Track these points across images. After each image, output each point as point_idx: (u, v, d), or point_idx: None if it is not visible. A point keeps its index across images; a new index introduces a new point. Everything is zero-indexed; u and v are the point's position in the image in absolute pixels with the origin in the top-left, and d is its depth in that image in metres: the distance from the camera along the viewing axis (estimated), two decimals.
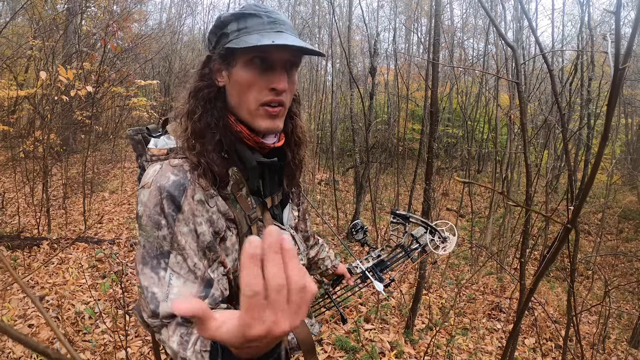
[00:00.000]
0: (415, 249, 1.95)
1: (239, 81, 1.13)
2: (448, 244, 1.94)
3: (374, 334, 4.48)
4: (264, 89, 1.12)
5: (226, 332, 0.67)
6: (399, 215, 1.98)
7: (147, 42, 13.70)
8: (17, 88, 7.19)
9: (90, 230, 6.68)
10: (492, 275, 7.24)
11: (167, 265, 1.03)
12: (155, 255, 1.04)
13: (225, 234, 1.14)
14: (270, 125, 1.15)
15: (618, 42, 0.81)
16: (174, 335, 1.00)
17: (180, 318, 1.02)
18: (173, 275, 1.03)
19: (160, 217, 1.03)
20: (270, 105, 1.13)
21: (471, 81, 13.78)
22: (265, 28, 1.09)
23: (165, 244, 1.03)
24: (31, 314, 4.04)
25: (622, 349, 5.25)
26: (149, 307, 1.02)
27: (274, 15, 1.12)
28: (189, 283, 1.03)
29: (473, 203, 10.27)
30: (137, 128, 1.36)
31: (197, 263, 1.05)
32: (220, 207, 1.12)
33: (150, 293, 1.02)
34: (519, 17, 9.78)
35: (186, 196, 1.05)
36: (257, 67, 1.11)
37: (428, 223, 1.96)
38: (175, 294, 1.01)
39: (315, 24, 16.30)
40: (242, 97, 1.14)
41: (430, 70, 4.47)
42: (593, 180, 1.04)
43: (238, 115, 1.17)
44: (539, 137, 9.41)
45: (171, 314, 1.01)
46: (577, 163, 7.41)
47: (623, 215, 12.82)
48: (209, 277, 1.07)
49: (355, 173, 8.42)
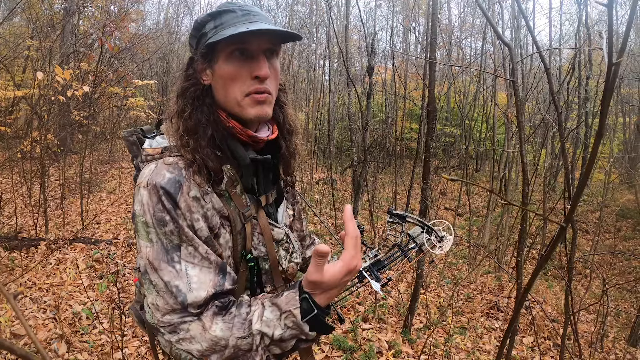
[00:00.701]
0: (412, 248, 1.94)
1: (223, 75, 1.14)
2: (445, 243, 1.93)
3: (371, 334, 4.47)
4: (248, 79, 1.13)
5: (332, 273, 0.97)
6: (396, 215, 1.97)
7: (144, 42, 13.69)
8: (14, 88, 7.18)
9: (87, 231, 6.67)
10: (490, 274, 7.24)
11: (181, 257, 1.06)
12: (167, 251, 1.06)
13: (219, 231, 1.15)
14: (259, 112, 1.16)
15: (611, 35, 0.81)
16: (214, 325, 1.04)
17: (216, 307, 1.06)
18: (189, 266, 1.06)
19: (164, 213, 1.05)
20: (256, 94, 1.14)
21: (469, 80, 13.80)
22: (240, 20, 1.11)
23: (175, 238, 1.06)
24: (29, 315, 4.03)
25: (621, 348, 5.25)
26: (177, 300, 1.04)
27: (247, 8, 1.14)
28: (204, 269, 1.07)
29: (471, 202, 10.28)
30: (131, 129, 1.38)
31: (207, 250, 1.08)
32: (215, 204, 1.13)
33: (174, 287, 1.04)
34: (516, 16, 9.78)
35: (182, 193, 1.07)
36: (237, 59, 1.13)
37: (425, 222, 1.94)
38: (197, 282, 1.05)
39: (313, 23, 16.28)
40: (228, 91, 1.15)
41: (427, 70, 4.46)
42: (587, 178, 1.04)
43: (227, 110, 1.18)
44: (536, 136, 9.42)
45: (200, 302, 1.04)
46: (575, 162, 7.42)
47: (621, 214, 12.83)
48: (222, 262, 1.11)
49: (353, 172, 8.41)
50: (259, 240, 1.23)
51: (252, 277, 1.23)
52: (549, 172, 8.59)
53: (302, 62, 18.15)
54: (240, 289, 1.23)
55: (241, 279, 1.22)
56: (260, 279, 1.26)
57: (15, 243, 5.54)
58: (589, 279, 7.40)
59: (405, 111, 13.28)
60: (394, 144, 13.24)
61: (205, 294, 1.04)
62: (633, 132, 15.89)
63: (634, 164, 14.69)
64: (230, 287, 1.10)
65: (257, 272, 1.24)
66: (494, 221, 9.33)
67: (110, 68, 10.19)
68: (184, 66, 1.23)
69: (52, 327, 3.88)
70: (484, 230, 9.07)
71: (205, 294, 1.04)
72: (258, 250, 1.23)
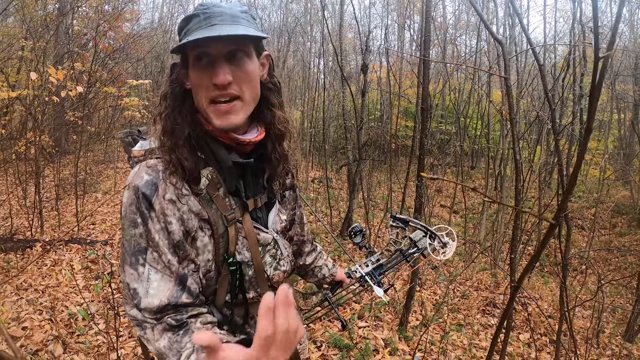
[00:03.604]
0: (414, 252, 1.93)
1: (192, 82, 1.15)
2: (448, 249, 1.93)
3: (367, 332, 4.48)
4: (210, 86, 1.11)
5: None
6: (399, 220, 1.97)
7: (139, 42, 13.65)
8: (8, 89, 7.15)
9: (83, 232, 6.66)
10: (486, 271, 7.26)
11: (145, 261, 1.08)
12: (133, 253, 1.08)
13: (196, 234, 1.15)
14: (224, 122, 1.14)
15: (596, 30, 0.81)
16: (162, 340, 1.05)
17: (167, 324, 1.06)
18: (152, 271, 1.08)
19: (136, 215, 1.07)
20: (219, 102, 1.12)
21: (464, 78, 13.82)
22: (202, 25, 1.10)
23: (142, 241, 1.08)
24: (25, 317, 4.02)
25: (617, 343, 5.27)
26: (132, 302, 1.07)
27: (211, 10, 1.11)
28: (166, 277, 1.08)
29: (467, 199, 10.29)
30: (127, 130, 1.40)
31: (170, 259, 1.09)
32: (192, 207, 1.14)
33: (132, 289, 1.07)
34: (511, 14, 9.80)
35: (157, 195, 1.08)
36: (199, 65, 1.12)
37: (427, 227, 1.94)
38: (155, 289, 1.07)
39: (307, 21, 16.29)
40: (197, 97, 1.15)
41: (421, 67, 4.47)
42: (577, 174, 1.04)
43: (202, 115, 1.18)
44: (532, 133, 9.44)
45: (153, 309, 1.06)
46: (570, 158, 7.43)
47: (616, 210, 12.89)
48: (183, 273, 1.11)
49: (349, 171, 8.42)
50: (243, 244, 1.23)
51: (233, 281, 1.22)
52: (544, 168, 8.59)
53: (297, 60, 18.16)
54: (222, 293, 1.23)
55: (223, 282, 1.22)
56: (243, 285, 1.25)
57: (10, 244, 5.52)
58: (585, 275, 7.44)
59: (401, 109, 13.30)
60: (390, 142, 13.26)
61: (159, 303, 1.06)
62: (628, 129, 15.94)
63: (629, 161, 14.75)
64: (187, 300, 1.10)
65: (239, 277, 1.23)
66: (489, 218, 9.35)
67: (104, 68, 10.15)
68: (168, 71, 1.23)
69: (49, 329, 3.87)
70: (479, 228, 9.10)
71: (158, 302, 1.06)
72: (242, 254, 1.22)
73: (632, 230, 11.77)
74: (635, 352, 5.03)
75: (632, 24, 15.72)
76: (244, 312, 1.31)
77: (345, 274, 1.88)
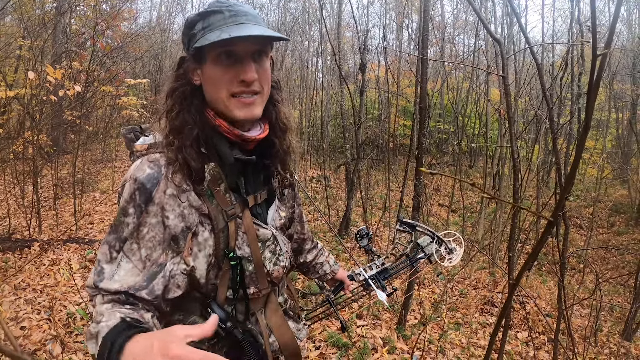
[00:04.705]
0: (421, 258, 1.92)
1: (211, 77, 1.16)
2: (455, 255, 1.92)
3: (366, 330, 4.48)
4: (234, 82, 1.14)
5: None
6: (406, 224, 1.95)
7: (137, 41, 13.62)
8: (6, 88, 7.13)
9: (81, 231, 6.65)
10: (484, 270, 7.26)
11: (122, 249, 1.09)
12: (116, 237, 1.09)
13: (196, 229, 1.16)
14: (247, 114, 1.17)
15: (594, 28, 0.81)
16: (98, 306, 1.05)
17: (114, 301, 1.05)
18: (124, 259, 1.08)
19: (129, 205, 1.09)
20: (243, 96, 1.15)
21: (462, 77, 13.80)
22: (227, 22, 1.11)
23: (127, 230, 1.09)
24: (23, 317, 4.02)
25: (615, 342, 5.28)
26: (96, 277, 1.07)
27: (236, 8, 1.13)
28: (135, 270, 1.08)
29: (465, 198, 10.30)
30: (130, 127, 1.41)
31: (150, 255, 1.10)
32: (192, 202, 1.15)
33: (100, 267, 1.08)
34: (509, 13, 9.80)
35: (158, 190, 1.10)
36: (224, 62, 1.13)
37: (435, 233, 1.93)
38: (121, 276, 1.07)
39: (305, 20, 16.26)
40: (216, 92, 1.16)
41: (419, 66, 4.48)
42: (574, 172, 1.05)
43: (215, 109, 1.19)
44: (530, 132, 9.44)
45: (110, 291, 1.06)
46: (568, 157, 7.44)
47: (614, 209, 12.91)
48: (155, 271, 1.09)
49: (347, 170, 8.41)
50: (242, 239, 1.24)
51: (234, 276, 1.23)
52: (542, 167, 8.60)
53: (295, 59, 18.13)
54: (223, 288, 1.23)
55: (224, 278, 1.22)
56: (244, 280, 1.26)
57: (8, 244, 5.51)
58: (583, 273, 7.44)
59: (399, 108, 13.29)
60: (388, 141, 13.24)
61: (118, 287, 1.06)
62: (626, 128, 15.94)
63: (626, 160, 14.77)
64: (146, 297, 1.07)
65: (240, 272, 1.24)
66: (487, 217, 9.36)
67: (102, 67, 10.13)
68: (175, 65, 1.25)
69: (47, 328, 3.86)
70: (477, 226, 9.10)
71: (117, 286, 1.06)
72: (242, 250, 1.23)
73: (629, 229, 11.79)
74: (633, 351, 5.04)
75: (630, 24, 15.76)
76: (244, 309, 1.32)
77: (348, 277, 1.88)
